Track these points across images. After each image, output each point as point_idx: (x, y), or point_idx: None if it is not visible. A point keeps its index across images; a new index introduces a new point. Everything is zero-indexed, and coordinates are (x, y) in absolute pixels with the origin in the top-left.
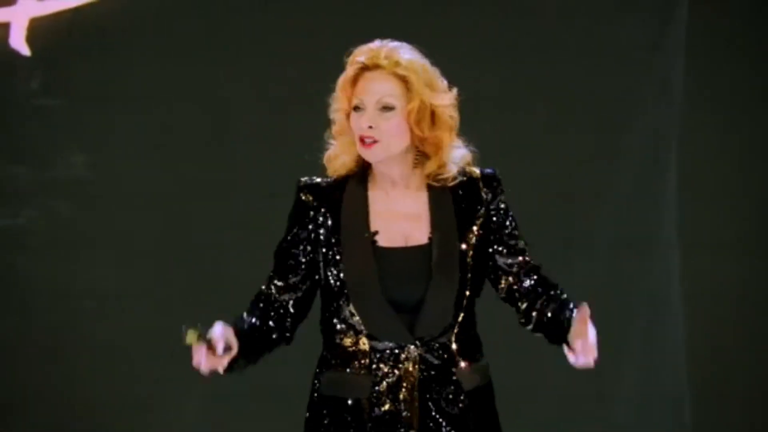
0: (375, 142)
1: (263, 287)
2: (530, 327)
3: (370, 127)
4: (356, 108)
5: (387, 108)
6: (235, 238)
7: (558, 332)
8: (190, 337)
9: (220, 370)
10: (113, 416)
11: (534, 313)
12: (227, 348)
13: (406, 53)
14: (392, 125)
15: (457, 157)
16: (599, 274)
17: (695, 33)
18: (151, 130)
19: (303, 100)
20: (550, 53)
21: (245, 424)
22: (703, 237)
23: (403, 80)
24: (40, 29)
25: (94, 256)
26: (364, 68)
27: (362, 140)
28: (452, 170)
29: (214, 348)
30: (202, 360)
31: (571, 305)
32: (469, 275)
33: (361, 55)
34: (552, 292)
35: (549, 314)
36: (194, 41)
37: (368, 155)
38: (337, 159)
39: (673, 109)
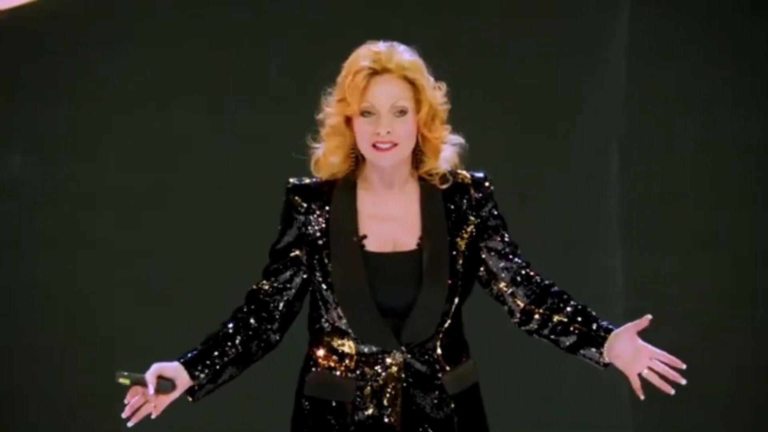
0: (393, 146)
1: (254, 286)
2: (529, 327)
3: (388, 132)
4: (365, 113)
5: (402, 112)
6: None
7: (577, 339)
8: (123, 380)
9: (153, 413)
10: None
11: (536, 316)
12: (169, 384)
13: (407, 54)
14: (407, 129)
15: (448, 154)
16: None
17: (637, 32)
18: (97, 129)
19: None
20: (494, 52)
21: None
22: (644, 236)
23: (411, 83)
24: None
25: (48, 257)
26: (373, 73)
27: (376, 145)
28: (443, 167)
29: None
30: (131, 401)
31: (594, 316)
32: (459, 282)
33: (364, 59)
34: (554, 298)
35: (557, 319)
36: (141, 37)
37: (384, 159)
38: (327, 160)
39: (616, 107)
